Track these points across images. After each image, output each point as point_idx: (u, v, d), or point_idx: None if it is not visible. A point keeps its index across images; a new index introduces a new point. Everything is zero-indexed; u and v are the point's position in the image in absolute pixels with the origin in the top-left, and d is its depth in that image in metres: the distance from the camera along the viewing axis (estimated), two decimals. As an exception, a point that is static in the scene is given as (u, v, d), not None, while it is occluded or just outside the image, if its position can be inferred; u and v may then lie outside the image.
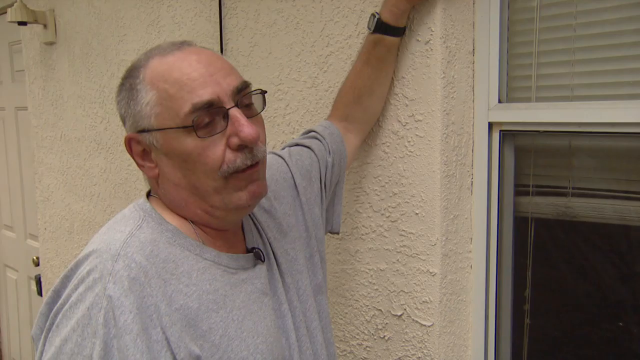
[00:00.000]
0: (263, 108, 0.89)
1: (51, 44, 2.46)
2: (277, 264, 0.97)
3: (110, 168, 2.18)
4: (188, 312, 0.78)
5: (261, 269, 0.92)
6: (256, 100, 0.87)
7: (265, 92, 0.88)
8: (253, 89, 0.87)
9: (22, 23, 2.42)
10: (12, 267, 3.47)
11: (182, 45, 0.86)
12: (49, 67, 2.51)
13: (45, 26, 2.46)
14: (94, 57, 2.19)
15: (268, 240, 0.98)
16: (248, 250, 0.94)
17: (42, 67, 2.56)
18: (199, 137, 0.80)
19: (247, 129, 0.81)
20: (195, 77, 0.81)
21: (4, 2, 2.90)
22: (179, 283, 0.80)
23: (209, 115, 0.81)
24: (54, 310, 0.77)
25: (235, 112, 0.82)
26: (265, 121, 1.54)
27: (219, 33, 1.64)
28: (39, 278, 2.90)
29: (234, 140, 0.82)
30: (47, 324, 0.77)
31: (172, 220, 0.87)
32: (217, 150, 0.81)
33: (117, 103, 0.88)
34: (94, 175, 2.29)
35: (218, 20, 1.63)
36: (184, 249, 0.84)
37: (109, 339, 0.72)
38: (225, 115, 0.82)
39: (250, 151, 0.83)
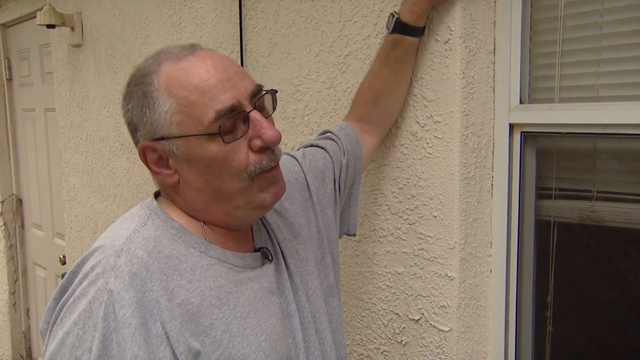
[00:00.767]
0: (274, 107, 0.89)
1: (78, 46, 2.51)
2: (286, 264, 0.96)
3: (133, 168, 2.20)
4: (189, 307, 0.79)
5: (269, 268, 0.92)
6: (267, 100, 0.88)
7: (276, 91, 0.89)
8: (266, 89, 0.88)
9: (50, 26, 2.47)
10: (41, 265, 3.54)
11: (193, 49, 0.85)
12: (76, 69, 2.55)
13: (72, 29, 2.51)
14: (118, 58, 2.22)
15: (277, 240, 0.98)
16: (256, 250, 0.94)
17: (69, 69, 2.61)
18: (225, 142, 0.81)
19: (269, 131, 0.83)
20: (214, 83, 0.81)
21: (35, 6, 2.97)
22: (181, 279, 0.80)
23: (232, 120, 0.81)
24: (59, 304, 0.79)
25: (255, 115, 0.83)
26: (284, 122, 1.55)
27: (239, 34, 1.64)
28: (66, 276, 2.95)
29: (257, 143, 0.83)
30: (53, 318, 0.79)
31: (179, 218, 0.87)
32: (241, 154, 0.82)
33: (125, 111, 0.87)
34: (118, 175, 2.32)
35: (238, 21, 1.63)
36: (188, 246, 0.84)
37: (108, 333, 0.73)
38: (246, 119, 0.83)
39: (272, 152, 0.85)
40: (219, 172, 0.83)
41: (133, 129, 0.87)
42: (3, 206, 3.66)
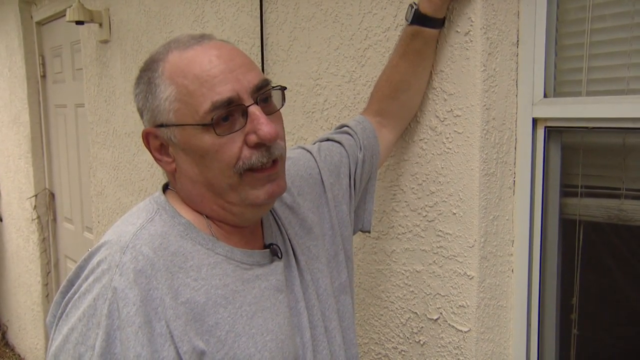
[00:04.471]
0: (282, 104, 0.87)
1: (106, 42, 2.54)
2: (297, 261, 0.94)
3: (156, 164, 2.22)
4: (194, 306, 0.77)
5: (278, 265, 0.90)
6: (275, 96, 0.86)
7: (285, 88, 0.87)
8: (283, 84, 0.87)
9: (79, 22, 2.51)
10: (72, 258, 3.62)
11: (201, 39, 0.84)
12: (104, 65, 2.59)
13: (100, 25, 2.54)
14: (144, 54, 2.24)
15: (288, 236, 0.96)
16: (265, 247, 0.92)
17: (98, 65, 2.64)
18: (217, 134, 0.79)
19: (265, 127, 0.80)
20: (215, 74, 0.80)
21: (68, 3, 3.02)
22: (186, 277, 0.79)
23: (228, 112, 0.80)
24: (65, 299, 0.78)
25: (254, 110, 0.81)
26: (303, 116, 1.53)
27: (259, 28, 1.63)
28: (94, 269, 2.99)
29: (252, 138, 0.81)
30: (59, 312, 0.78)
31: (186, 214, 0.86)
32: (234, 147, 0.81)
33: (135, 96, 0.88)
34: (142, 170, 2.34)
35: (259, 14, 1.62)
36: (195, 243, 0.83)
37: (112, 331, 0.72)
38: (245, 113, 0.81)
39: (267, 149, 0.82)
40: (211, 164, 0.81)
41: (140, 114, 0.88)
42: (37, 200, 3.74)
